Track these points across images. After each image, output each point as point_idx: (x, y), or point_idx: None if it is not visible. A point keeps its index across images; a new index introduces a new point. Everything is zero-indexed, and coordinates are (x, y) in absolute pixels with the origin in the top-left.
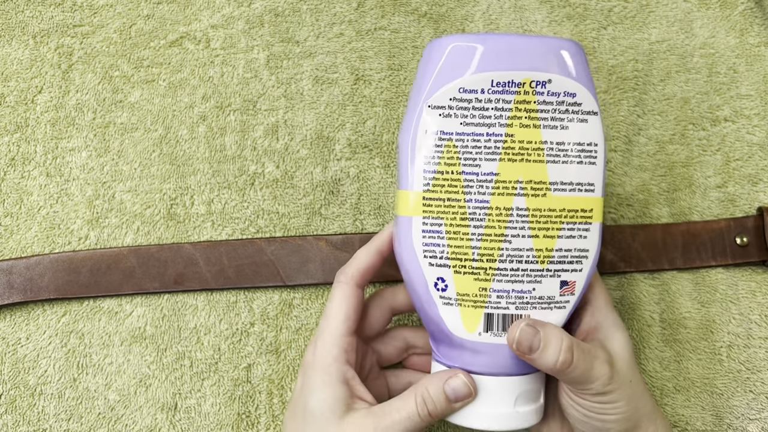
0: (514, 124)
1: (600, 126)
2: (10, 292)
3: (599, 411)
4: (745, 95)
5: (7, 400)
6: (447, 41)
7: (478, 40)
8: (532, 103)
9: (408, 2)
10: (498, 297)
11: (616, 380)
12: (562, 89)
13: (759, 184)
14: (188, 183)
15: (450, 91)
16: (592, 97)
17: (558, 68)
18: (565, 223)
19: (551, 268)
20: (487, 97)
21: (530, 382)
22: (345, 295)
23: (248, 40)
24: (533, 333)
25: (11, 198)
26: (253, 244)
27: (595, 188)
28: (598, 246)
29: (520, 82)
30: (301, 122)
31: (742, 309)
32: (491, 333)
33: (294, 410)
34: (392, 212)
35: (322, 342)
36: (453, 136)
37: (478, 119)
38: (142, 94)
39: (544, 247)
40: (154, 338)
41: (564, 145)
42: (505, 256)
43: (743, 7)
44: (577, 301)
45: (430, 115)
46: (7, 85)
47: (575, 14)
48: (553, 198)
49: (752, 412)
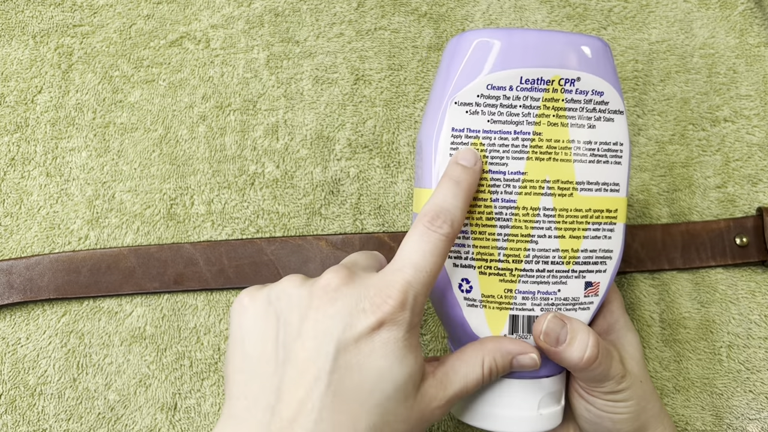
0: (542, 122)
1: (626, 125)
2: (10, 292)
3: (610, 410)
4: (745, 95)
5: (7, 400)
6: (472, 36)
7: (504, 35)
8: (560, 101)
9: (408, 2)
10: (523, 298)
11: (628, 379)
12: (590, 87)
13: (759, 185)
14: (188, 183)
15: (477, 87)
16: (618, 95)
17: (587, 66)
18: (591, 224)
19: (576, 269)
20: (516, 95)
21: (553, 385)
22: (446, 249)
23: (248, 40)
24: (561, 325)
25: (11, 198)
26: (253, 244)
27: (620, 188)
28: (621, 246)
29: (549, 79)
30: (301, 122)
31: (742, 309)
32: (516, 335)
33: (341, 382)
34: (410, 210)
35: (416, 297)
36: (480, 133)
37: (506, 117)
38: (142, 94)
39: (569, 247)
40: (154, 338)
41: (591, 145)
42: (531, 256)
43: (743, 8)
44: (600, 302)
45: (456, 111)
46: (7, 85)
47: (575, 14)
48: (580, 198)
49: (752, 412)
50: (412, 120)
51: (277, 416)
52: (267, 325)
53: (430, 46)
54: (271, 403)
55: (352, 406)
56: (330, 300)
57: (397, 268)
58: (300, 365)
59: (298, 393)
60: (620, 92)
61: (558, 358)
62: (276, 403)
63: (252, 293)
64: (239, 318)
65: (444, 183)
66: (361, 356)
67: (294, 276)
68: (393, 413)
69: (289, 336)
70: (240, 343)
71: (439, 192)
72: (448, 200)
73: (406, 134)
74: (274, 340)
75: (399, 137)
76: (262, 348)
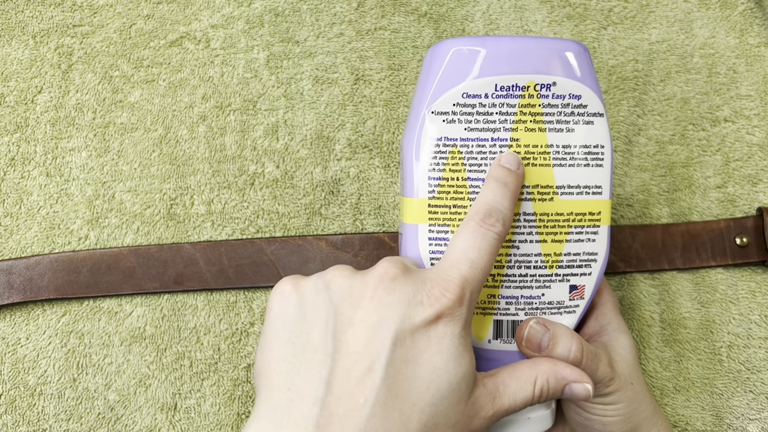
0: (519, 128)
1: (606, 127)
2: (10, 292)
3: (600, 413)
4: (745, 96)
5: (7, 400)
6: (448, 45)
7: (479, 43)
8: (536, 107)
9: (408, 2)
10: (507, 303)
11: (617, 382)
12: (566, 91)
13: (759, 185)
14: (188, 183)
15: (453, 97)
16: (597, 98)
17: (562, 70)
18: (573, 227)
19: (560, 272)
20: (491, 102)
21: None
22: (497, 248)
23: (248, 40)
24: (543, 331)
25: (11, 198)
26: (253, 244)
27: (602, 191)
28: (606, 249)
29: (524, 85)
30: (301, 122)
31: (742, 309)
32: (500, 340)
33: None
34: (397, 218)
35: (472, 293)
36: (457, 142)
37: (482, 124)
38: (142, 94)
39: (552, 251)
40: (154, 338)
41: (570, 148)
42: (513, 261)
43: (743, 8)
44: (586, 305)
45: (433, 121)
46: (7, 85)
47: (575, 14)
48: (561, 202)
49: (752, 412)
50: None
51: (326, 410)
52: (315, 314)
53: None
54: (320, 395)
55: (405, 404)
56: (387, 289)
57: (452, 263)
58: (353, 355)
59: (349, 385)
60: (600, 95)
61: None
62: (325, 395)
63: (296, 281)
64: (282, 305)
65: (491, 184)
66: (416, 350)
67: (342, 266)
68: (444, 415)
69: (340, 325)
70: (282, 330)
71: (488, 191)
72: (497, 200)
73: None
74: (323, 328)
75: (399, 137)
76: (308, 337)
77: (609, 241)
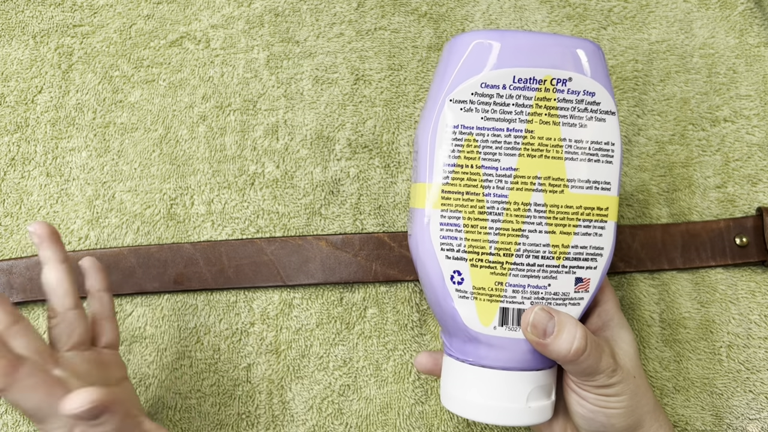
0: (534, 120)
1: (617, 126)
2: (10, 292)
3: (603, 405)
4: (745, 96)
5: None
6: (470, 37)
7: (500, 36)
8: (552, 101)
9: (408, 2)
10: (513, 291)
11: (620, 373)
12: (581, 88)
13: (758, 185)
14: (188, 183)
15: (472, 86)
16: (610, 96)
17: (578, 67)
18: (582, 221)
19: (567, 264)
20: (509, 93)
21: (543, 379)
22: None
23: (248, 40)
24: (548, 317)
25: (11, 198)
26: (253, 244)
27: (611, 187)
28: (612, 245)
29: (541, 79)
30: (301, 122)
31: (742, 309)
32: (506, 327)
33: None
34: (407, 206)
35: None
36: (474, 130)
37: (499, 114)
38: (142, 94)
39: (560, 243)
40: (154, 338)
41: (582, 143)
42: (522, 251)
43: (743, 8)
44: (590, 299)
45: (451, 109)
46: (7, 85)
47: (575, 14)
48: (571, 195)
49: (752, 412)
50: (412, 120)
51: None
52: None
53: (430, 46)
54: None
55: None
56: None
57: None
58: None
59: None
60: (612, 94)
61: (546, 351)
62: None
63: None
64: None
65: None
66: None
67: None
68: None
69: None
70: None
71: None
72: None
73: (406, 134)
74: None
75: (399, 137)
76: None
77: (615, 237)
